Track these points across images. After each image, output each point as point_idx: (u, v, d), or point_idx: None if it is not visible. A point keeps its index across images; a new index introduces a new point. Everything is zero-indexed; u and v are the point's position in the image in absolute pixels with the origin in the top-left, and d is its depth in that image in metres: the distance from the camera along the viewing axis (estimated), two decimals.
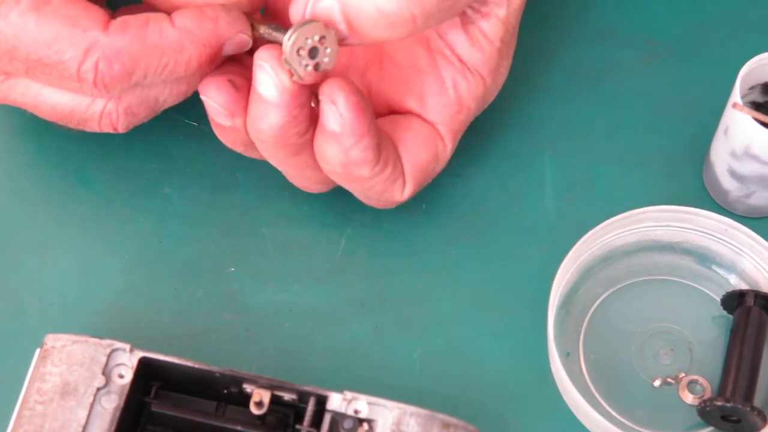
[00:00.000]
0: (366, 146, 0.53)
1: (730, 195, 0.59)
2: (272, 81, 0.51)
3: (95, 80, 0.51)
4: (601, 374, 0.56)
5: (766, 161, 0.55)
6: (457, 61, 0.56)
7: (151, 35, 0.51)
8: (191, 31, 0.51)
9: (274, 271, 0.59)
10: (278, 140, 0.53)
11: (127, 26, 0.51)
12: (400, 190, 0.57)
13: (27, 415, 0.50)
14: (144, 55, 0.51)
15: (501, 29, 0.56)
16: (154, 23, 0.51)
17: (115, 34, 0.51)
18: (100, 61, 0.51)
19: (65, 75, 0.51)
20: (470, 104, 0.57)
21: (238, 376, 0.51)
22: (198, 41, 0.52)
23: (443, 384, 0.56)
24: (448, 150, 0.58)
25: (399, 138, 0.57)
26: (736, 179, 0.58)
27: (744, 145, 0.56)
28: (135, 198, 0.61)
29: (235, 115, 0.53)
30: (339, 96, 0.52)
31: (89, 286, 0.59)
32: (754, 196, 0.58)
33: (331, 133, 0.53)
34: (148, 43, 0.51)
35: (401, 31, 0.51)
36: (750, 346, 0.55)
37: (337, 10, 0.50)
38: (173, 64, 0.52)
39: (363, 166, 0.54)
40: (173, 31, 0.51)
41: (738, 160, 0.57)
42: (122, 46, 0.51)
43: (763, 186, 0.57)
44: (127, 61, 0.51)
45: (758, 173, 0.56)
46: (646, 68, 0.65)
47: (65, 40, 0.50)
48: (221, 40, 0.52)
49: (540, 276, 0.58)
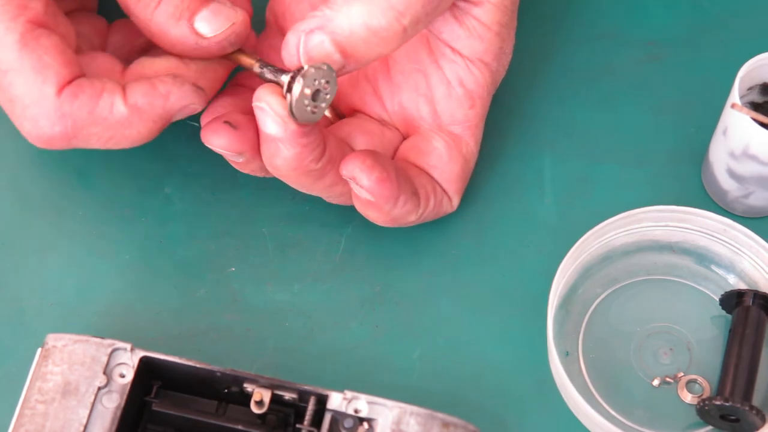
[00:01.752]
0: (404, 202, 0.54)
1: (729, 195, 0.59)
2: (277, 122, 0.51)
3: (31, 134, 0.52)
4: (600, 374, 0.56)
5: (765, 161, 0.55)
6: (458, 58, 0.56)
7: (101, 108, 0.52)
8: (141, 109, 0.52)
9: (275, 271, 0.59)
10: (298, 171, 0.53)
11: (81, 93, 0.51)
12: (448, 206, 0.58)
13: (28, 414, 0.51)
14: (89, 124, 0.52)
15: (497, 13, 0.56)
16: (107, 96, 0.52)
17: (65, 99, 0.51)
18: (43, 118, 0.51)
19: (9, 110, 0.52)
20: (481, 95, 0.58)
21: (239, 375, 0.52)
22: (147, 118, 0.52)
23: (443, 384, 0.56)
24: (472, 146, 0.58)
25: (426, 165, 0.57)
26: (734, 179, 0.58)
27: (743, 146, 0.56)
28: (136, 198, 0.61)
29: (242, 152, 0.53)
30: (361, 175, 0.53)
31: (90, 285, 0.59)
32: (753, 196, 0.58)
33: (367, 202, 0.54)
34: (96, 115, 0.52)
35: (395, 44, 0.51)
36: (749, 346, 0.55)
37: (328, 42, 0.50)
38: (118, 137, 0.53)
39: (408, 216, 0.56)
40: (124, 108, 0.52)
41: (737, 161, 0.57)
42: (68, 112, 0.51)
43: (761, 186, 0.57)
44: (70, 127, 0.52)
45: (757, 173, 0.57)
46: (646, 68, 0.65)
47: (23, 82, 0.51)
48: (170, 115, 0.53)
49: (539, 276, 0.58)
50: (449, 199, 0.58)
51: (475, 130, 0.58)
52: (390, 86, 0.58)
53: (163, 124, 0.54)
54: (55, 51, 0.52)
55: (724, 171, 0.58)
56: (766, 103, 0.59)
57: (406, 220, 0.56)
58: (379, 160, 0.53)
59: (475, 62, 0.57)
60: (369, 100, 0.59)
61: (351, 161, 0.53)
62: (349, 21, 0.50)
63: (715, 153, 0.59)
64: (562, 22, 0.67)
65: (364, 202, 0.55)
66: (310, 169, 0.53)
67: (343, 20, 0.50)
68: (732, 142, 0.56)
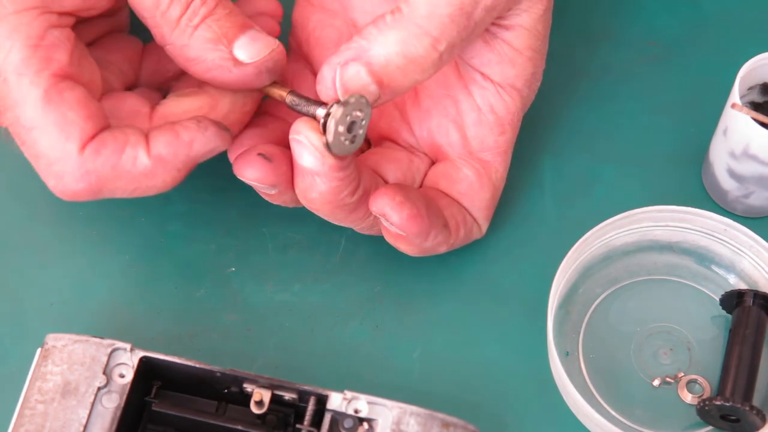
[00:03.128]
0: (435, 236, 0.54)
1: (729, 195, 0.59)
2: (315, 155, 0.50)
3: (56, 189, 0.52)
4: (600, 374, 0.56)
5: (765, 161, 0.55)
6: (489, 84, 0.56)
7: (124, 162, 0.51)
8: (165, 159, 0.51)
9: (275, 271, 0.59)
10: (332, 204, 0.52)
11: (103, 148, 0.51)
12: (477, 233, 0.58)
13: (28, 414, 0.51)
14: (113, 179, 0.51)
15: (529, 38, 0.54)
16: (130, 150, 0.51)
17: (88, 156, 0.51)
18: (66, 176, 0.51)
19: (35, 165, 0.52)
20: (512, 121, 0.57)
21: (239, 375, 0.52)
22: (171, 168, 0.52)
23: (443, 384, 0.56)
24: (501, 173, 0.58)
25: (457, 193, 0.57)
26: (735, 179, 0.58)
27: (743, 146, 0.56)
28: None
29: (276, 184, 0.53)
30: (391, 213, 0.52)
31: (90, 285, 0.59)
32: (753, 196, 0.58)
33: (398, 236, 0.54)
34: (120, 169, 0.51)
35: (431, 72, 0.51)
36: (749, 346, 0.55)
37: (365, 73, 0.50)
38: (143, 188, 0.52)
39: (439, 247, 0.56)
40: (147, 161, 0.51)
41: (737, 161, 0.57)
42: (91, 169, 0.51)
43: (762, 186, 0.57)
44: (94, 182, 0.51)
45: (757, 173, 0.57)
46: (646, 68, 0.65)
47: (47, 139, 0.51)
48: (195, 161, 0.53)
49: (539, 276, 0.58)
50: (479, 226, 0.57)
51: (505, 156, 0.57)
52: (419, 113, 0.58)
53: (188, 170, 0.53)
54: (79, 105, 0.51)
55: (724, 171, 0.58)
56: (766, 102, 0.59)
57: (437, 250, 0.56)
58: (410, 196, 0.53)
59: (506, 88, 0.56)
60: (397, 127, 0.58)
61: (380, 198, 0.52)
62: (385, 50, 0.50)
63: (715, 153, 0.59)
64: (562, 22, 0.67)
65: (395, 236, 0.54)
66: (345, 203, 0.52)
67: (379, 50, 0.50)
68: (732, 142, 0.56)
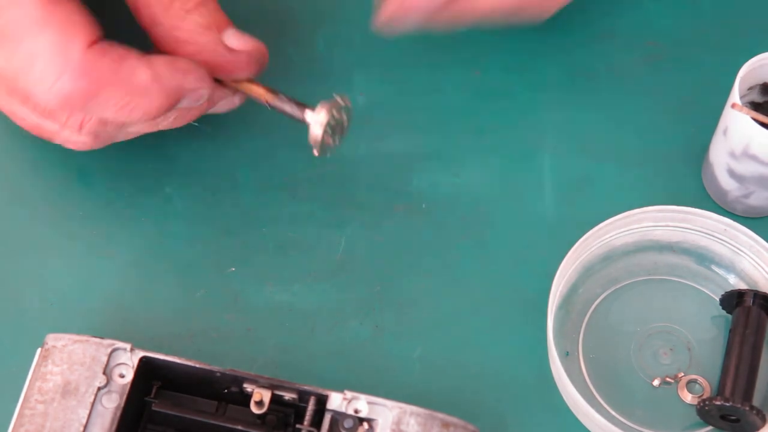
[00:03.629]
0: None
1: (729, 195, 0.59)
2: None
3: (54, 89, 0.51)
4: (600, 374, 0.56)
5: (765, 161, 0.55)
6: None
7: (125, 70, 0.52)
8: (162, 78, 0.53)
9: (275, 271, 0.59)
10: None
11: (108, 52, 0.52)
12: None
13: (28, 414, 0.51)
14: (111, 84, 0.52)
15: None
16: (132, 60, 0.52)
17: (93, 54, 0.51)
18: (67, 71, 0.51)
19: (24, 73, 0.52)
20: None
21: (239, 375, 0.52)
22: (164, 90, 0.53)
23: (443, 384, 0.56)
24: None
25: None
26: (735, 179, 0.58)
27: (743, 145, 0.56)
28: (136, 198, 0.61)
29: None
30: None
31: (90, 285, 0.59)
32: (753, 196, 0.58)
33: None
34: (119, 76, 0.52)
35: None
36: (749, 346, 0.55)
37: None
38: (132, 105, 0.53)
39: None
40: (145, 75, 0.52)
41: (737, 161, 0.57)
42: (94, 67, 0.51)
43: (762, 186, 0.57)
44: (94, 83, 0.51)
45: (757, 173, 0.57)
46: (646, 68, 0.65)
47: (50, 35, 0.51)
48: (182, 93, 0.54)
49: (540, 276, 0.58)
50: None
51: None
52: None
53: (173, 102, 0.54)
54: (81, 13, 0.52)
55: (724, 171, 0.58)
56: (766, 102, 0.59)
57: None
58: None
59: None
60: None
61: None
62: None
63: (715, 153, 0.59)
64: (563, 23, 0.67)
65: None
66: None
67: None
68: (732, 141, 0.56)
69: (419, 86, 0.65)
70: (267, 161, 0.62)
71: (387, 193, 0.62)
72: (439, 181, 0.61)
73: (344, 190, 0.61)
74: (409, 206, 0.61)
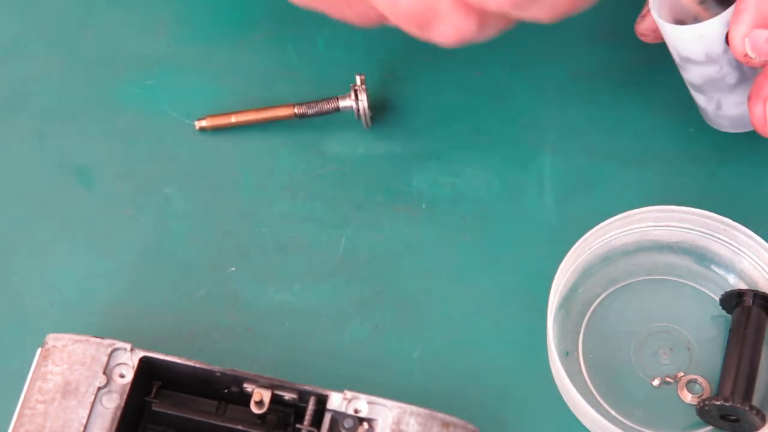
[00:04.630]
0: None
1: (709, 112, 0.59)
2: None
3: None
4: (600, 374, 0.56)
5: (699, 59, 0.55)
6: None
7: None
8: None
9: (275, 271, 0.59)
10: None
11: None
12: None
13: (28, 414, 0.51)
14: None
15: None
16: None
17: None
18: None
19: None
20: None
21: (239, 375, 0.52)
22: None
23: (443, 384, 0.56)
24: None
25: None
26: (698, 91, 0.58)
27: (676, 52, 0.56)
28: (136, 198, 0.61)
29: None
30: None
31: (90, 285, 0.59)
32: (724, 105, 0.58)
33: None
34: None
35: None
36: (749, 346, 0.55)
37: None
38: None
39: None
40: None
41: (684, 71, 0.57)
42: None
43: (719, 90, 0.57)
44: None
45: (705, 76, 0.56)
46: (647, 68, 0.65)
47: None
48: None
49: (539, 276, 0.58)
50: None
51: None
52: None
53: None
54: None
55: (689, 88, 0.58)
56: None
57: None
58: None
59: None
60: None
61: None
62: None
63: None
64: (562, 22, 0.66)
65: None
66: None
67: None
68: (673, 53, 0.56)
69: (419, 86, 0.65)
70: (267, 161, 0.62)
71: (387, 193, 0.62)
72: (439, 181, 0.62)
73: (344, 190, 0.61)
74: (409, 206, 0.61)
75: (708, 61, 0.55)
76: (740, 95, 0.57)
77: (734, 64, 0.55)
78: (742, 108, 0.57)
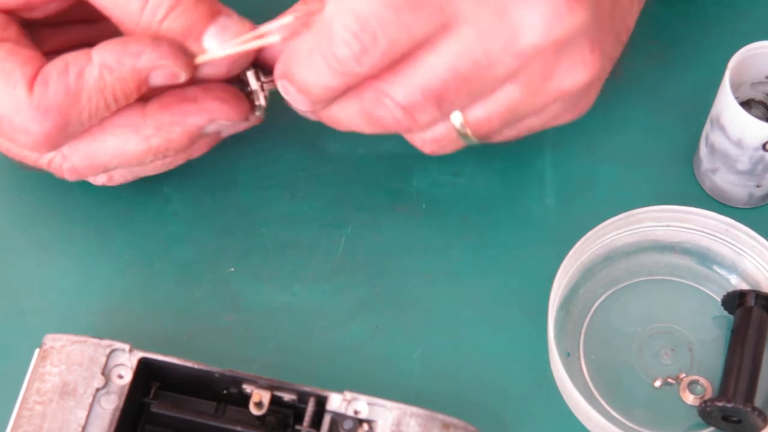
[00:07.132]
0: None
1: (702, 165, 0.59)
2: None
3: (28, 144, 0.51)
4: (601, 374, 0.56)
5: (730, 136, 0.55)
6: None
7: (72, 80, 0.50)
8: (111, 67, 0.51)
9: (274, 271, 0.59)
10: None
11: (48, 78, 0.50)
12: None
13: (26, 415, 0.50)
14: (71, 103, 0.51)
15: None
16: (73, 66, 0.51)
17: (39, 92, 0.50)
18: (30, 122, 0.50)
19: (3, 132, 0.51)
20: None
21: (238, 376, 0.51)
22: (119, 77, 0.51)
23: (443, 384, 0.56)
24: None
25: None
26: (707, 148, 0.58)
27: (717, 113, 0.56)
28: (135, 198, 0.61)
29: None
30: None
31: (89, 286, 0.59)
32: (719, 174, 0.58)
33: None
34: (72, 90, 0.51)
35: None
36: (751, 347, 0.55)
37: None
38: (102, 105, 0.51)
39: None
40: (93, 70, 0.51)
41: (712, 128, 0.57)
42: (47, 104, 0.50)
43: (725, 164, 0.57)
44: (57, 117, 0.51)
45: (723, 148, 0.57)
46: (646, 68, 0.65)
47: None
48: (143, 74, 0.51)
49: (540, 276, 0.58)
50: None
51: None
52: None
53: (140, 85, 0.52)
54: (11, 54, 0.51)
55: (704, 136, 0.58)
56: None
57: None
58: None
59: None
60: None
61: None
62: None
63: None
64: None
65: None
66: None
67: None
68: (715, 107, 0.57)
69: None
70: (267, 161, 0.62)
71: (387, 193, 0.61)
72: (439, 181, 0.61)
73: (344, 190, 0.61)
74: (409, 206, 0.61)
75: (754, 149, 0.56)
76: (739, 179, 0.58)
77: (755, 159, 0.56)
78: (728, 185, 0.59)
